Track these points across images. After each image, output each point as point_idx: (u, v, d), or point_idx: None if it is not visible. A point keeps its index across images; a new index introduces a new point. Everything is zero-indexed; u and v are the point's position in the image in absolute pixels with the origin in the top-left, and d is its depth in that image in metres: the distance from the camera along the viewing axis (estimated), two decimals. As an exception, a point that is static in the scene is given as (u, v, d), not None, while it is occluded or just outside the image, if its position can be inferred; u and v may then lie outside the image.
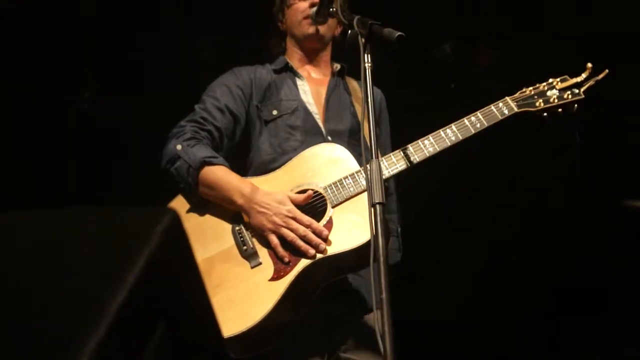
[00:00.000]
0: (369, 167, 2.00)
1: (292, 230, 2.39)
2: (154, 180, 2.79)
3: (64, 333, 1.14)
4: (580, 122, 2.65)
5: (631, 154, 4.34)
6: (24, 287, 1.23)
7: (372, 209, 1.93)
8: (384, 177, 2.41)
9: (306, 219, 2.41)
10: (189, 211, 2.56)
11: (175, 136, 2.61)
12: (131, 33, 4.17)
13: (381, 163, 2.44)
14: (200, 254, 2.44)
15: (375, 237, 1.90)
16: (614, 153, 4.34)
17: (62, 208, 1.35)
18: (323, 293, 2.43)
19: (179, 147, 2.56)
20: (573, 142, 3.72)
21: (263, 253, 2.43)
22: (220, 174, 2.52)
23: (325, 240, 2.39)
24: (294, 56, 2.91)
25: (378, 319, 1.82)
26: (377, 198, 1.93)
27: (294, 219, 2.40)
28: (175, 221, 1.30)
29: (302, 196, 2.46)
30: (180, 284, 1.33)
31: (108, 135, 4.36)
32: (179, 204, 2.58)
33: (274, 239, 2.41)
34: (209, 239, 2.48)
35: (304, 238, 2.38)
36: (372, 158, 2.01)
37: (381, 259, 1.85)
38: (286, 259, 2.38)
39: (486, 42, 4.41)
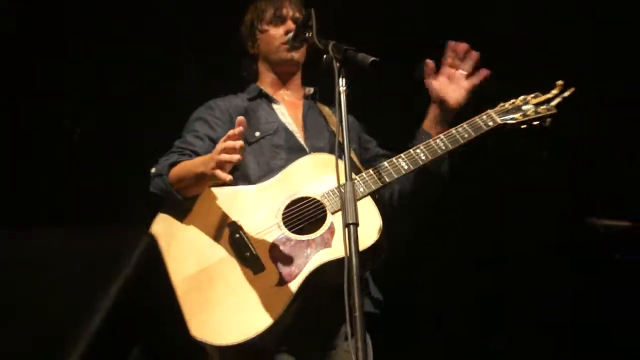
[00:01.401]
0: (342, 189, 2.04)
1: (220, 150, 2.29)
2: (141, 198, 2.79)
3: (45, 349, 1.15)
4: (548, 138, 2.70)
5: (596, 172, 4.43)
6: (7, 304, 1.24)
7: (346, 229, 1.96)
8: (382, 184, 2.52)
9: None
10: (177, 225, 2.47)
11: (157, 163, 2.63)
12: (122, 59, 4.22)
13: (380, 170, 2.54)
14: (196, 265, 2.37)
15: (349, 256, 1.92)
16: (579, 171, 4.43)
17: (46, 228, 1.37)
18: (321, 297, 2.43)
19: (153, 169, 2.58)
20: (540, 158, 3.78)
21: (265, 258, 2.40)
22: (184, 164, 2.53)
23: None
24: (266, 80, 2.95)
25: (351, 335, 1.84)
26: (350, 219, 1.96)
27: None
28: (151, 244, 1.32)
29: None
30: (156, 303, 1.35)
31: (97, 159, 4.40)
32: (165, 219, 2.45)
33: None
34: (204, 249, 2.41)
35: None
36: (346, 180, 2.04)
37: (354, 277, 1.87)
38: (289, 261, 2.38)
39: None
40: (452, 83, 2.69)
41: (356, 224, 1.96)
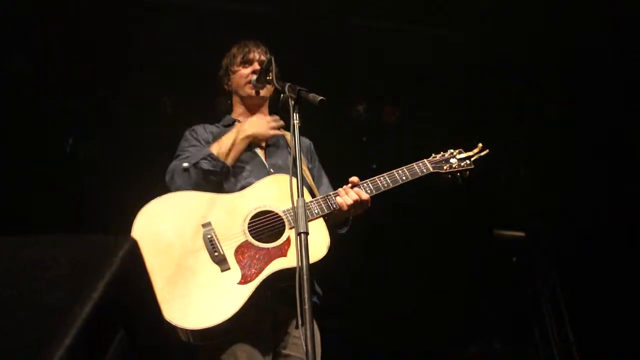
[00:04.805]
0: (295, 205, 2.05)
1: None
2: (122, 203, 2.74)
3: (40, 338, 1.12)
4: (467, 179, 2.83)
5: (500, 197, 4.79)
6: (5, 300, 1.21)
7: (298, 237, 1.97)
8: (333, 209, 2.51)
9: None
10: (157, 221, 2.43)
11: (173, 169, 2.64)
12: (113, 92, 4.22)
13: (329, 198, 2.54)
14: (173, 258, 2.34)
15: (300, 259, 1.93)
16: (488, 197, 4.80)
17: (39, 234, 1.34)
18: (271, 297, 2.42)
19: (185, 164, 2.59)
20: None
21: (231, 259, 2.37)
22: (216, 144, 2.66)
23: None
24: (238, 111, 2.96)
25: (302, 325, 1.85)
26: (302, 228, 1.98)
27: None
28: (134, 247, 1.29)
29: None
30: (137, 298, 1.32)
31: (84, 171, 4.36)
32: (145, 216, 2.43)
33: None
34: (180, 247, 2.37)
35: None
36: (298, 197, 2.06)
37: (304, 277, 1.88)
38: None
39: (391, 103, 4.60)
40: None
41: (307, 233, 1.97)
